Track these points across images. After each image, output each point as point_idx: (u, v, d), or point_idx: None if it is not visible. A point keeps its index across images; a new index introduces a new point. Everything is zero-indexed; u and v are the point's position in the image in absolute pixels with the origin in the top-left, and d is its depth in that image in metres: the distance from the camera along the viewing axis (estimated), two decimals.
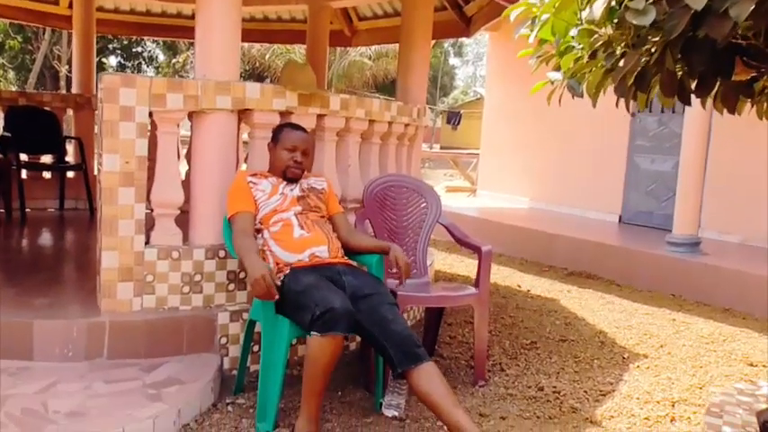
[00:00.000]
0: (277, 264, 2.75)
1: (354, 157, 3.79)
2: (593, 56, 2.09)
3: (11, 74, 25.27)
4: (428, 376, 2.46)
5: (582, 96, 2.36)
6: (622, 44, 1.83)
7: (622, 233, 7.12)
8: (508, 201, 9.33)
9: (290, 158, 2.91)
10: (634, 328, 4.36)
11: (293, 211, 2.86)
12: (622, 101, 2.12)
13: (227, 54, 3.18)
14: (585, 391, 3.17)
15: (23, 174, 5.72)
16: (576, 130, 8.18)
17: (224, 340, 3.09)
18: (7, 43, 24.14)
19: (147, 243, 3.03)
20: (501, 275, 5.92)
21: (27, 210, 5.47)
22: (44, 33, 21.85)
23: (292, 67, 3.47)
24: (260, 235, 2.84)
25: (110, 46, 26.50)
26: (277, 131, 3.02)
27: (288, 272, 2.67)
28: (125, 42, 26.76)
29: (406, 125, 4.22)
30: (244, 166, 3.83)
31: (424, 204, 3.70)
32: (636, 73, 1.89)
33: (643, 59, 1.88)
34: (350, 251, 2.97)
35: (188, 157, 4.40)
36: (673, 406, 3.04)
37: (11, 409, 2.38)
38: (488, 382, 3.28)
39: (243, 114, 3.23)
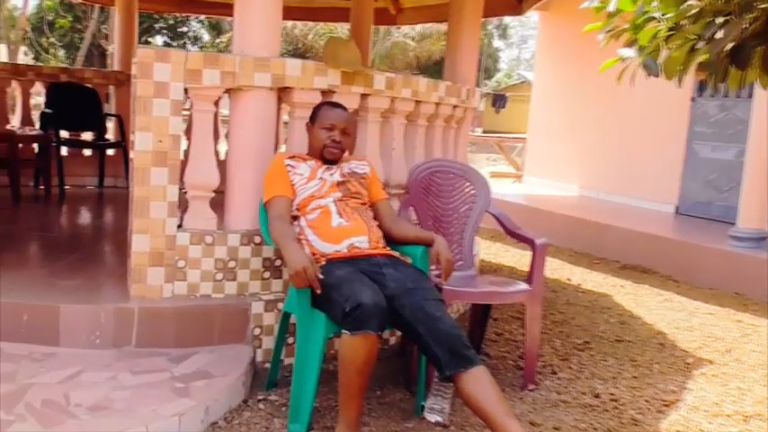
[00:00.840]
0: (313, 254, 2.56)
1: (399, 140, 3.57)
2: (674, 29, 1.83)
3: (61, 52, 25.66)
4: (479, 381, 2.25)
5: (658, 75, 2.09)
6: (720, 13, 1.56)
7: (680, 225, 6.76)
8: (556, 188, 9.00)
9: (328, 137, 2.71)
10: (696, 330, 4.06)
11: (332, 197, 2.66)
12: (680, 79, 1.85)
13: (267, 28, 2.98)
14: (647, 401, 2.91)
15: (64, 151, 5.65)
16: (632, 114, 7.79)
17: (257, 331, 2.93)
18: (57, 22, 24.50)
19: (179, 226, 2.88)
20: (550, 268, 5.63)
21: (66, 187, 5.40)
22: (92, 12, 22.08)
23: (336, 43, 3.26)
24: (296, 222, 2.65)
25: (156, 26, 26.67)
26: (315, 110, 2.83)
27: (323, 263, 2.48)
28: (171, 22, 26.91)
29: (454, 106, 3.98)
30: (284, 148, 3.64)
31: (473, 191, 3.46)
32: (732, 47, 1.62)
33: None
34: (393, 241, 2.76)
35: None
36: (746, 420, 2.76)
37: (32, 400, 2.25)
38: (539, 386, 3.05)
39: (282, 93, 3.04)
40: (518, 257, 5.92)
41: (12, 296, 2.75)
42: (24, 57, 22.88)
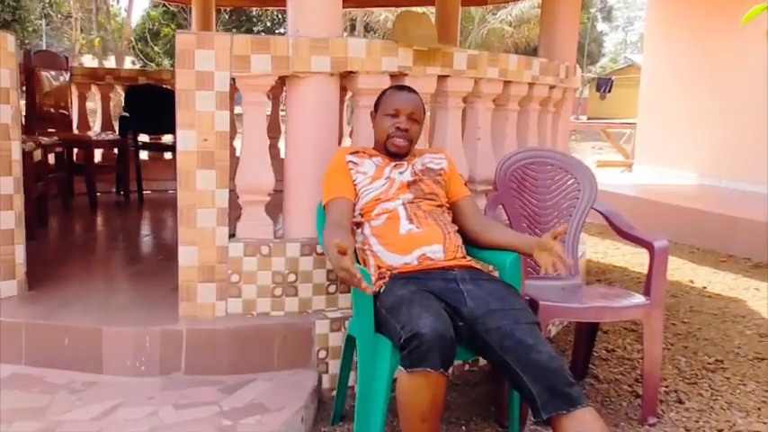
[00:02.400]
0: (379, 268, 2.14)
1: (485, 128, 3.08)
2: None
3: (165, 60, 26.63)
4: (585, 426, 1.76)
5: None
6: None
7: None
8: (672, 176, 8.12)
9: (393, 125, 2.27)
10: None
11: (402, 199, 2.22)
12: None
13: (326, 4, 2.58)
14: None
15: (144, 155, 5.52)
16: (760, 92, 6.85)
17: (323, 354, 2.54)
18: (162, 31, 25.42)
19: (231, 236, 2.53)
20: (668, 268, 4.92)
21: (147, 192, 5.26)
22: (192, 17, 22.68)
23: (407, 17, 2.81)
24: (360, 230, 2.24)
25: (254, 28, 27.14)
26: (379, 96, 2.40)
27: (388, 280, 2.05)
28: (268, 24, 27.31)
29: (551, 87, 3.43)
30: (348, 142, 3.23)
31: (575, 185, 2.92)
32: None
33: None
34: (480, 246, 2.30)
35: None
36: None
37: None
38: (662, 419, 2.50)
39: (345, 78, 2.64)
40: (630, 256, 5.25)
41: (54, 317, 2.49)
42: (132, 66, 23.88)
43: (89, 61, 26.08)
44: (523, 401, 2.12)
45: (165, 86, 5.68)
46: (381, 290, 2.05)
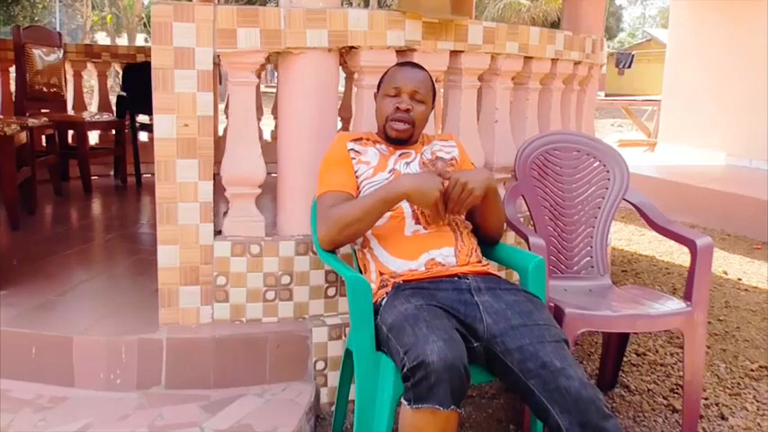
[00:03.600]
0: (381, 274, 1.86)
1: (503, 110, 2.76)
2: None
3: None
4: None
5: None
6: None
7: None
8: (698, 156, 7.73)
9: (393, 106, 1.97)
10: None
11: None
12: None
13: None
14: None
15: (143, 136, 5.25)
16: None
17: (320, 365, 2.27)
18: None
19: (218, 233, 2.26)
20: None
21: (146, 175, 4.99)
22: None
23: None
24: None
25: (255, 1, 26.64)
26: (382, 76, 2.10)
27: (391, 290, 1.77)
28: None
29: (576, 63, 3.10)
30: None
31: (604, 173, 2.61)
32: None
33: None
34: (488, 235, 2.02)
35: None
36: None
37: None
38: None
39: (347, 55, 2.34)
40: (657, 243, 4.93)
41: (21, 323, 2.24)
42: (144, 44, 23.57)
43: (102, 39, 25.73)
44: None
45: None
46: (383, 300, 1.77)
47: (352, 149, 2.02)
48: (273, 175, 2.35)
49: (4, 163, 3.36)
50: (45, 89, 4.70)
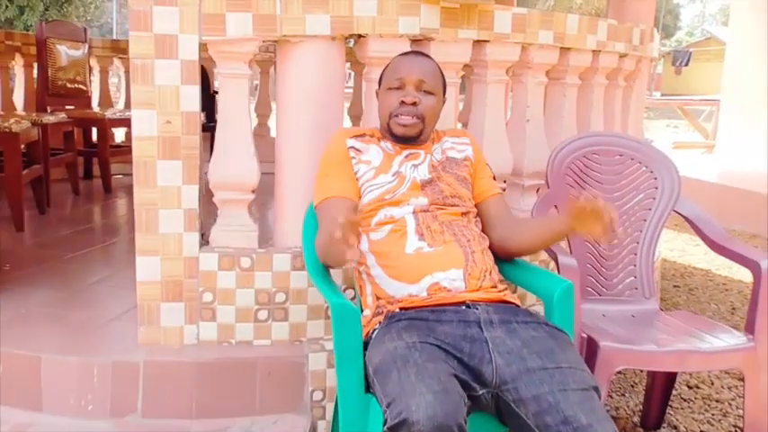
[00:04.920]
0: (377, 299, 1.58)
1: (536, 108, 2.45)
2: None
3: None
4: None
5: None
6: None
7: None
8: (760, 160, 7.16)
9: (397, 99, 1.68)
10: None
11: (413, 204, 1.64)
12: None
13: None
14: None
15: None
16: None
17: (318, 395, 2.00)
18: None
19: (205, 244, 2.02)
20: None
21: None
22: None
23: None
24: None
25: None
26: (383, 69, 1.81)
27: (383, 321, 1.49)
28: None
29: (622, 56, 2.75)
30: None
31: (652, 181, 2.27)
32: None
33: None
34: (511, 259, 1.72)
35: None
36: None
37: None
38: None
39: (355, 44, 2.07)
40: (713, 255, 4.45)
41: None
42: None
43: None
44: None
45: None
46: (373, 332, 1.49)
47: (352, 147, 1.75)
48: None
49: (9, 161, 3.21)
50: (68, 85, 4.57)
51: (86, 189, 4.42)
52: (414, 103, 1.66)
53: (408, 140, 1.72)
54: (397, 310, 1.52)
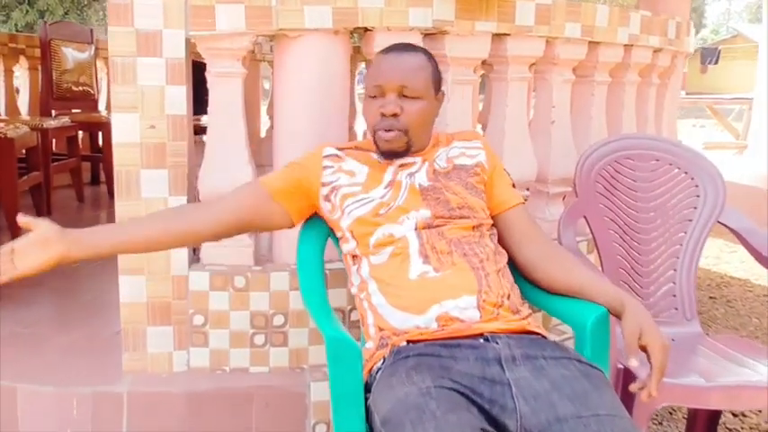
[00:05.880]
0: (380, 330, 1.36)
1: (561, 108, 2.23)
2: None
3: None
4: None
5: None
6: None
7: None
8: None
9: (377, 111, 1.45)
10: None
11: (414, 219, 1.42)
12: None
13: None
14: None
15: None
16: None
17: (321, 429, 1.80)
18: None
19: (195, 261, 1.83)
20: None
21: None
22: None
23: None
24: (355, 267, 1.46)
25: None
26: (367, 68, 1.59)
27: (388, 356, 1.28)
28: None
29: (656, 51, 2.52)
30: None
31: (693, 189, 2.04)
32: None
33: None
34: (536, 285, 1.50)
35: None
36: None
37: None
38: None
39: (360, 39, 1.87)
40: (752, 263, 4.15)
41: None
42: None
43: None
44: None
45: (203, 61, 5.05)
46: (378, 371, 1.28)
47: (331, 155, 1.51)
48: None
49: (4, 168, 3.05)
50: (74, 88, 4.44)
51: (92, 195, 4.29)
52: (394, 115, 1.43)
53: (397, 155, 1.50)
54: (404, 343, 1.31)
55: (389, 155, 1.47)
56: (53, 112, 4.20)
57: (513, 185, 1.60)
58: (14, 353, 1.94)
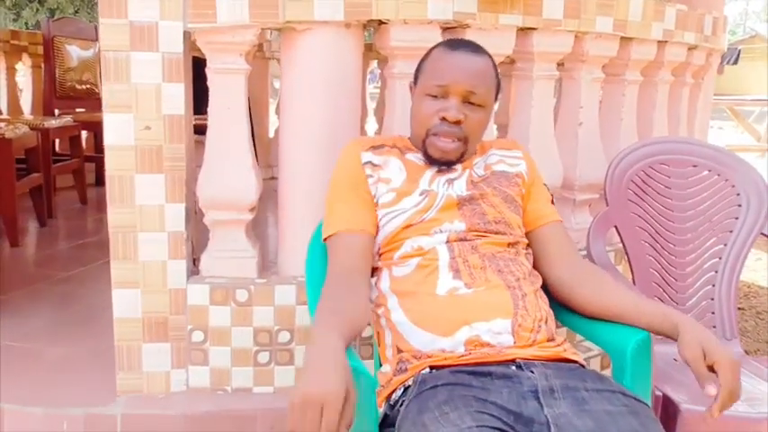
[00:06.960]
0: (399, 351, 1.22)
1: (590, 109, 2.08)
2: None
3: None
4: None
5: None
6: None
7: None
8: None
9: (436, 114, 1.30)
10: None
11: (447, 232, 1.28)
12: None
13: None
14: None
15: None
16: None
17: None
18: None
19: (194, 273, 1.69)
20: None
21: None
22: None
23: None
24: (374, 281, 1.31)
25: None
26: (422, 59, 1.43)
27: (412, 386, 1.14)
28: None
29: (691, 48, 2.36)
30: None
31: (733, 197, 1.88)
32: None
33: None
34: (567, 305, 1.34)
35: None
36: None
37: None
38: None
39: (374, 34, 1.73)
40: None
41: None
42: None
43: None
44: None
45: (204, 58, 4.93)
46: (400, 404, 1.14)
47: (368, 163, 1.38)
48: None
49: (1, 170, 2.93)
50: (78, 86, 4.33)
51: (96, 197, 4.16)
52: (457, 122, 1.29)
53: (446, 164, 1.35)
54: (427, 369, 1.16)
55: (439, 163, 1.32)
56: (56, 112, 4.10)
57: (552, 201, 1.45)
58: (3, 369, 1.81)
